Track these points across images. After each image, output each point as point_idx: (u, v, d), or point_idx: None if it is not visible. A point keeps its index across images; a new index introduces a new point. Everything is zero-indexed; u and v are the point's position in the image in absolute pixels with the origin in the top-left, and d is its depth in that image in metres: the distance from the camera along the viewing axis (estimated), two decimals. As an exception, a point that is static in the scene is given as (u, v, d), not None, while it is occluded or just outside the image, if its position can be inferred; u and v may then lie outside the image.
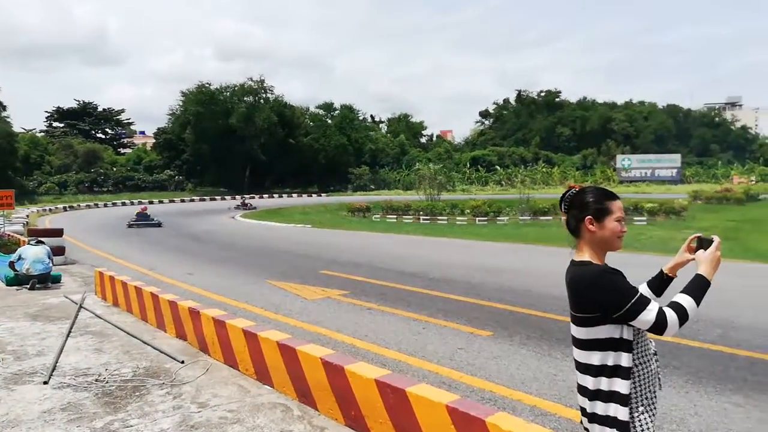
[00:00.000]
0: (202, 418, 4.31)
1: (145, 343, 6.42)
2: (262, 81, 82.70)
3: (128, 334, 6.83)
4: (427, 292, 9.04)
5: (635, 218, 26.81)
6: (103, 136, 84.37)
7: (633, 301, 1.98)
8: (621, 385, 2.03)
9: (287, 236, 20.70)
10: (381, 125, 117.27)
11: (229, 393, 4.87)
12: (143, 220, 26.14)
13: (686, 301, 2.03)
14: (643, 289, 2.32)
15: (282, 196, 72.52)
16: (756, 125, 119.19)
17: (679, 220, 26.31)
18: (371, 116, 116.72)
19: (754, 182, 61.12)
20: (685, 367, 5.22)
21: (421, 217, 30.31)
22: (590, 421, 2.12)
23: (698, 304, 2.05)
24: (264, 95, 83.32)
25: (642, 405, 2.08)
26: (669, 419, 4.10)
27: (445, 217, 29.80)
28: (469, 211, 30.07)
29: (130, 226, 25.40)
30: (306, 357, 4.41)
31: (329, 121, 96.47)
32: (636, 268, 2.35)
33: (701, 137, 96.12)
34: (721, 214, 28.29)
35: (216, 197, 66.10)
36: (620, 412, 2.03)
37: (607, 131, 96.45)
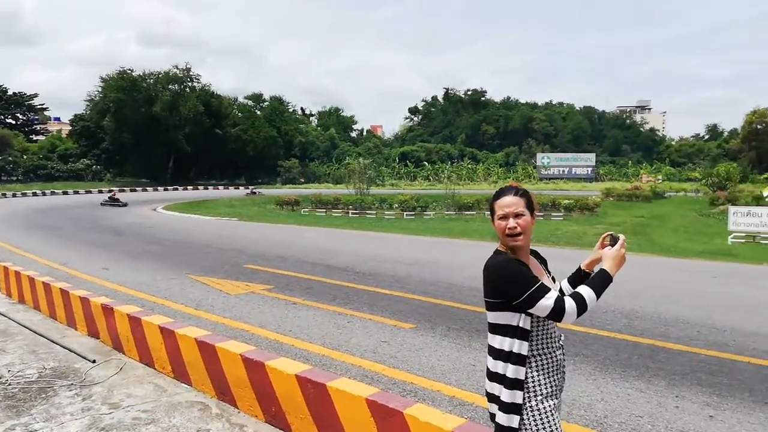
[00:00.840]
0: (113, 419, 4.12)
1: (53, 341, 6.06)
2: (188, 69, 79.72)
3: (34, 332, 6.42)
4: (354, 286, 9.06)
5: (553, 214, 28.06)
6: (14, 122, 78.40)
7: (533, 289, 2.10)
8: (516, 371, 2.14)
9: (211, 229, 20.11)
10: (311, 118, 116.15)
11: (144, 392, 4.68)
12: (113, 202, 34.30)
13: (587, 292, 2.15)
14: (564, 285, 2.46)
15: (208, 188, 70.32)
16: (663, 127, 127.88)
17: (593, 216, 27.80)
18: (301, 109, 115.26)
19: (660, 181, 65.48)
20: (593, 356, 5.54)
21: (350, 211, 30.32)
22: (489, 401, 2.24)
23: (598, 296, 2.17)
24: (190, 84, 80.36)
25: (541, 394, 2.18)
26: (578, 405, 4.34)
27: (374, 212, 29.97)
28: (397, 205, 30.39)
29: (103, 204, 33.85)
30: (225, 354, 4.32)
31: (258, 113, 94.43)
32: (552, 262, 2.46)
33: (614, 138, 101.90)
34: (630, 211, 30.14)
35: (137, 188, 63.13)
36: (507, 395, 2.15)
37: (528, 130, 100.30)
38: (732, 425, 3.98)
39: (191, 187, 70.67)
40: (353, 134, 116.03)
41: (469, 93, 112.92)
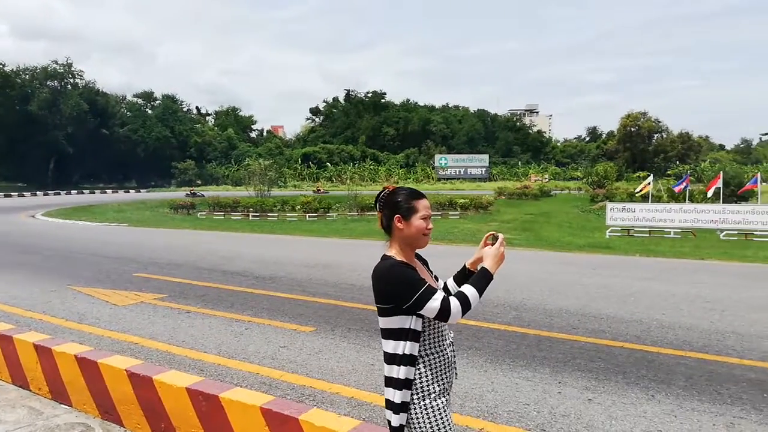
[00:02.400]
0: (-22, 451, 3.74)
1: None
2: (70, 64, 74.08)
3: None
4: (252, 291, 8.85)
5: (450, 213, 29.06)
6: None
7: (421, 291, 2.13)
8: (406, 372, 2.18)
9: (98, 236, 18.78)
10: (208, 118, 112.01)
11: (17, 417, 4.28)
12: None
13: (470, 291, 2.22)
14: (450, 284, 2.52)
15: (94, 192, 65.60)
16: (550, 130, 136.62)
17: (487, 214, 29.14)
18: (197, 108, 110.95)
19: (547, 180, 69.90)
20: (485, 348, 5.80)
21: (251, 214, 29.59)
22: (386, 407, 2.26)
23: (480, 294, 2.25)
24: (72, 80, 74.64)
25: (433, 392, 2.23)
26: (470, 397, 4.52)
27: (276, 214, 29.45)
28: (299, 207, 30.07)
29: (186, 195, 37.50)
30: (109, 370, 4.05)
31: (150, 112, 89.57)
32: (450, 258, 2.53)
33: (505, 139, 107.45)
34: (520, 208, 31.92)
35: (12, 193, 57.53)
36: (398, 396, 2.18)
37: (426, 132, 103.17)
38: (608, 407, 4.33)
39: (75, 191, 65.57)
40: (253, 135, 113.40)
41: (369, 95, 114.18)
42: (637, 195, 28.00)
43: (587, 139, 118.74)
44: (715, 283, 9.53)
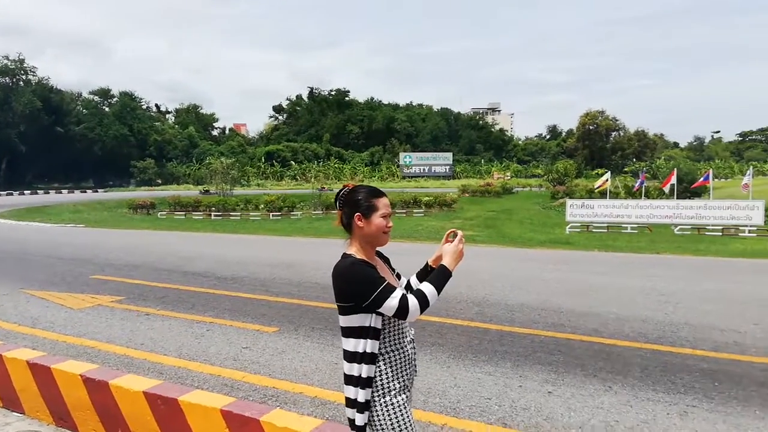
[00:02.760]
0: None
1: None
2: (22, 60, 71.51)
3: None
4: (214, 292, 8.71)
5: (415, 211, 29.21)
6: None
7: (379, 289, 2.14)
8: (367, 370, 2.18)
9: (53, 238, 18.16)
10: (168, 116, 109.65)
11: (-36, 428, 4.11)
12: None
13: (428, 289, 2.23)
14: (413, 281, 2.53)
15: (49, 193, 63.40)
16: (511, 128, 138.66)
17: (451, 211, 29.41)
18: (156, 105, 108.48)
19: (509, 178, 70.98)
20: (448, 344, 5.85)
21: (213, 214, 29.12)
22: (347, 405, 2.26)
23: (439, 291, 2.26)
24: (24, 77, 71.96)
25: (394, 389, 2.24)
26: (433, 393, 4.55)
27: (239, 213, 29.06)
28: (263, 206, 29.75)
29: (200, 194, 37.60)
30: (63, 375, 3.92)
31: (107, 109, 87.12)
32: (414, 256, 2.53)
33: (468, 138, 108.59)
34: (483, 206, 32.32)
35: (-44, 194, 55.12)
36: (361, 395, 2.19)
37: (391, 130, 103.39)
38: (567, 399, 4.42)
39: (29, 191, 63.25)
40: (215, 133, 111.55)
41: (333, 93, 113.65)
42: (595, 192, 28.71)
43: (548, 137, 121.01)
44: (669, 276, 9.85)
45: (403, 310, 2.14)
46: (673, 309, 7.28)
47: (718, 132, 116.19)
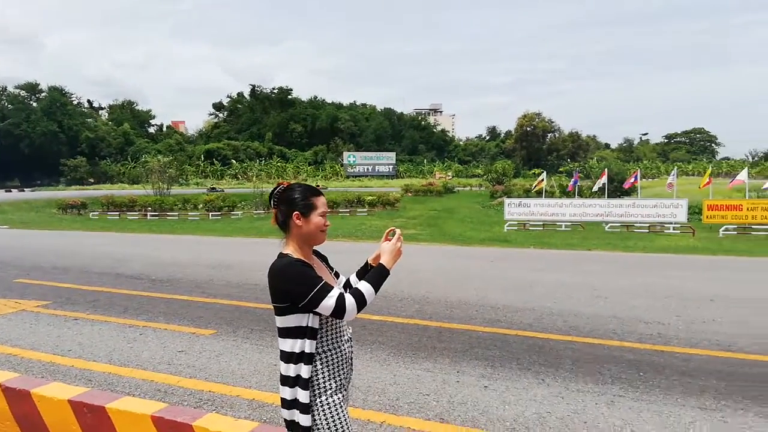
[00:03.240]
0: None
1: None
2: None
3: None
4: (148, 295, 8.41)
5: (358, 210, 29.24)
6: None
7: (316, 289, 2.12)
8: (304, 371, 2.16)
9: (-30, 241, 17.03)
10: (101, 112, 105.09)
11: None
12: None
13: (366, 288, 2.23)
14: (353, 279, 2.52)
15: (-34, 192, 59.40)
16: (453, 129, 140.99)
17: (394, 210, 29.63)
18: (89, 101, 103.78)
19: (451, 177, 72.15)
20: (388, 342, 5.89)
21: (149, 214, 28.13)
22: (282, 406, 2.23)
23: (377, 290, 2.27)
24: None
25: (330, 388, 2.23)
26: (372, 391, 4.57)
27: (176, 213, 28.20)
28: (202, 205, 29.00)
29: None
30: (-21, 386, 3.68)
31: (34, 105, 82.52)
32: (358, 255, 2.51)
33: (411, 138, 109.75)
34: (426, 205, 32.74)
35: None
36: (302, 395, 2.16)
37: (335, 129, 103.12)
38: (502, 392, 4.54)
39: (-56, 190, 59.13)
40: (151, 130, 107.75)
41: (275, 91, 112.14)
42: (532, 191, 29.61)
43: (487, 138, 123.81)
44: (599, 271, 10.29)
45: (340, 309, 2.13)
46: (602, 303, 7.62)
47: (646, 134, 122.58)
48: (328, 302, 2.12)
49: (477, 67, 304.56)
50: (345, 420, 2.26)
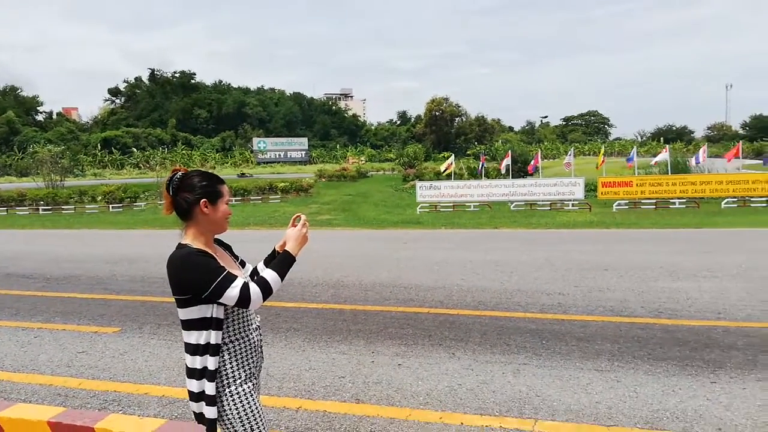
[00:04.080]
0: None
1: None
2: None
3: None
4: (43, 294, 7.83)
5: (271, 197, 28.72)
6: None
7: (219, 279, 2.06)
8: (211, 362, 2.11)
9: None
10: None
11: None
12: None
13: (271, 275, 2.20)
14: (261, 267, 2.46)
15: None
16: (364, 114, 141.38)
17: (308, 196, 29.38)
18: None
19: (364, 162, 72.49)
20: (303, 328, 5.87)
21: (41, 208, 26.08)
22: (190, 399, 2.17)
23: (282, 277, 2.23)
24: None
25: (240, 378, 2.19)
26: (288, 378, 4.54)
27: (72, 206, 26.35)
28: (101, 197, 27.32)
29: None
30: None
31: None
32: (270, 243, 2.45)
33: (323, 123, 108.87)
34: (340, 190, 32.72)
35: None
36: (209, 387, 2.12)
37: (242, 115, 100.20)
38: (415, 369, 4.67)
39: None
40: (40, 118, 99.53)
41: (177, 75, 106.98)
42: (442, 174, 30.41)
43: (398, 122, 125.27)
44: (505, 248, 10.79)
45: (244, 299, 2.09)
46: (508, 278, 8.00)
47: (546, 117, 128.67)
48: (232, 292, 2.07)
49: (386, 52, 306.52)
50: (256, 408, 2.23)
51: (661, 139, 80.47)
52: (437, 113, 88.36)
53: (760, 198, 19.25)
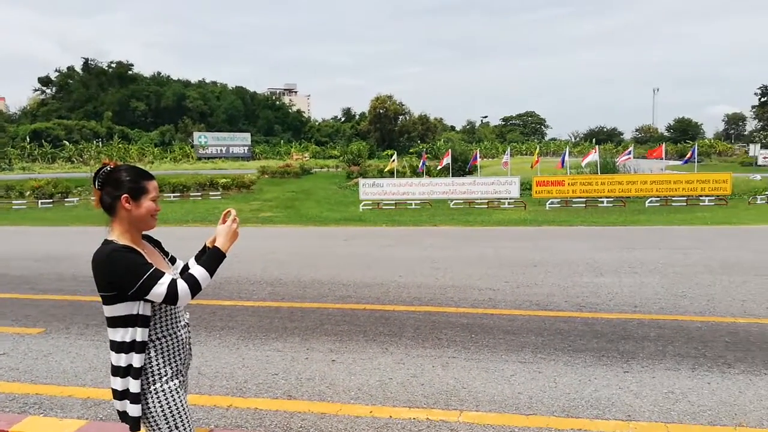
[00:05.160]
0: None
1: None
2: None
3: None
4: (-40, 296, 7.43)
5: (211, 193, 28.12)
6: None
7: (145, 276, 2.07)
8: (136, 359, 2.12)
9: None
10: None
11: None
12: None
13: (199, 272, 2.21)
14: (191, 263, 2.46)
15: None
16: (309, 110, 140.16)
17: (250, 193, 28.94)
18: None
19: (308, 158, 71.93)
20: (238, 326, 5.85)
21: (-41, 204, 24.50)
22: (115, 398, 2.17)
23: (212, 274, 2.25)
24: None
25: (166, 375, 2.20)
26: (220, 376, 4.53)
27: (-5, 202, 24.90)
28: (29, 192, 25.96)
29: None
30: None
31: None
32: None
33: (266, 118, 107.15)
34: (283, 187, 32.39)
35: None
36: (133, 385, 2.13)
37: (183, 108, 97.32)
38: (349, 365, 4.76)
39: None
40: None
41: (113, 65, 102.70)
42: (385, 171, 30.61)
43: (343, 119, 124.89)
44: (442, 245, 11.05)
45: (172, 296, 2.10)
46: (443, 274, 8.23)
47: (486, 117, 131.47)
48: (159, 289, 2.08)
49: (332, 48, 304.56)
50: (182, 406, 2.25)
51: (593, 140, 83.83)
52: (381, 111, 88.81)
53: (680, 197, 20.48)
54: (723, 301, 6.51)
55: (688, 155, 23.45)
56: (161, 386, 2.18)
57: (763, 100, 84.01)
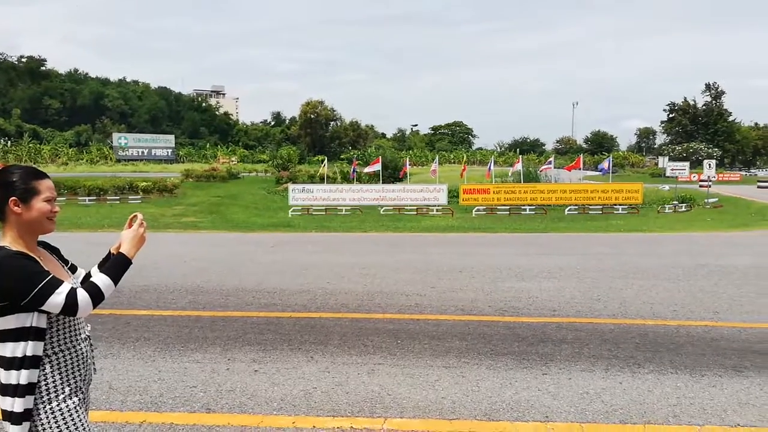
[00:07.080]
0: None
1: None
2: None
3: None
4: None
5: (131, 197, 26.86)
6: None
7: (41, 285, 1.90)
8: (28, 376, 1.95)
9: None
10: None
11: None
12: None
13: (102, 280, 2.06)
14: (94, 271, 2.28)
15: None
16: (237, 113, 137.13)
17: (173, 197, 27.86)
18: None
19: (235, 163, 70.22)
20: (155, 337, 5.56)
21: None
22: (3, 419, 1.98)
23: (116, 281, 2.10)
24: None
25: (63, 393, 2.03)
26: (133, 391, 4.28)
27: None
28: None
29: None
30: None
31: None
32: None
33: (192, 120, 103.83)
34: (208, 191, 31.41)
35: None
36: (18, 404, 1.95)
37: (101, 107, 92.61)
38: (272, 375, 4.63)
39: None
40: None
41: (24, 60, 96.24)
42: (316, 177, 30.43)
43: (272, 123, 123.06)
44: (371, 251, 11.07)
45: (71, 306, 1.94)
46: (371, 280, 8.22)
47: (416, 125, 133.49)
48: (56, 299, 1.92)
49: (260, 52, 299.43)
50: (81, 425, 2.08)
51: (517, 150, 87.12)
52: (312, 116, 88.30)
53: (596, 206, 21.62)
54: (634, 304, 6.89)
55: (605, 165, 24.80)
56: (58, 405, 2.01)
57: (671, 116, 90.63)
